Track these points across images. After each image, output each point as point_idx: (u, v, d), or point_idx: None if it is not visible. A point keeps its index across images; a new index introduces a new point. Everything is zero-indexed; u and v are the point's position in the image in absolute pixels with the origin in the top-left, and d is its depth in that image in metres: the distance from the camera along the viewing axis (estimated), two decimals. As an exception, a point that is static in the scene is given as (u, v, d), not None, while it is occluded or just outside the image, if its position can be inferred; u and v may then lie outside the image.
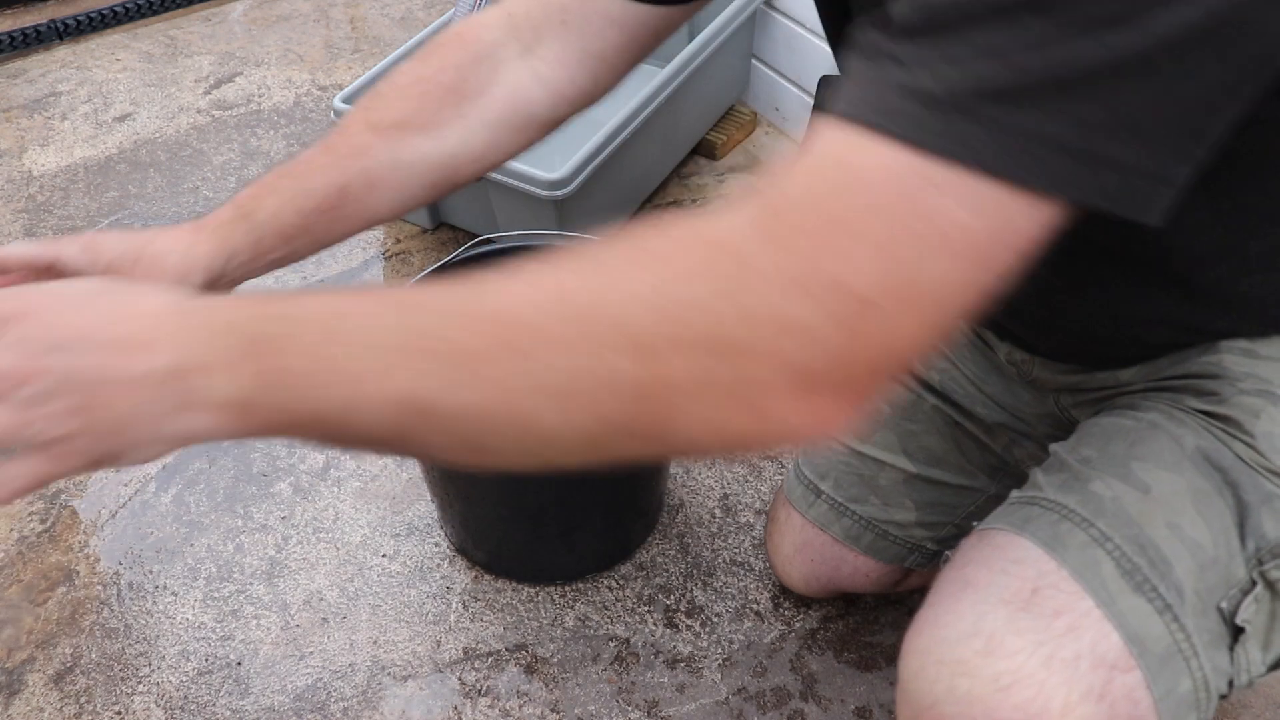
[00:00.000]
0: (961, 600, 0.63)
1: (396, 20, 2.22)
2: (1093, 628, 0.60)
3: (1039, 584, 0.61)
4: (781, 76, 1.83)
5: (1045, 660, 0.59)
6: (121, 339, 0.45)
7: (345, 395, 0.43)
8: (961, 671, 0.60)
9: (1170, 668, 0.61)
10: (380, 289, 0.50)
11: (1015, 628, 0.60)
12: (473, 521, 1.18)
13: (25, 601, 1.20)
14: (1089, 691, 0.58)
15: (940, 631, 0.62)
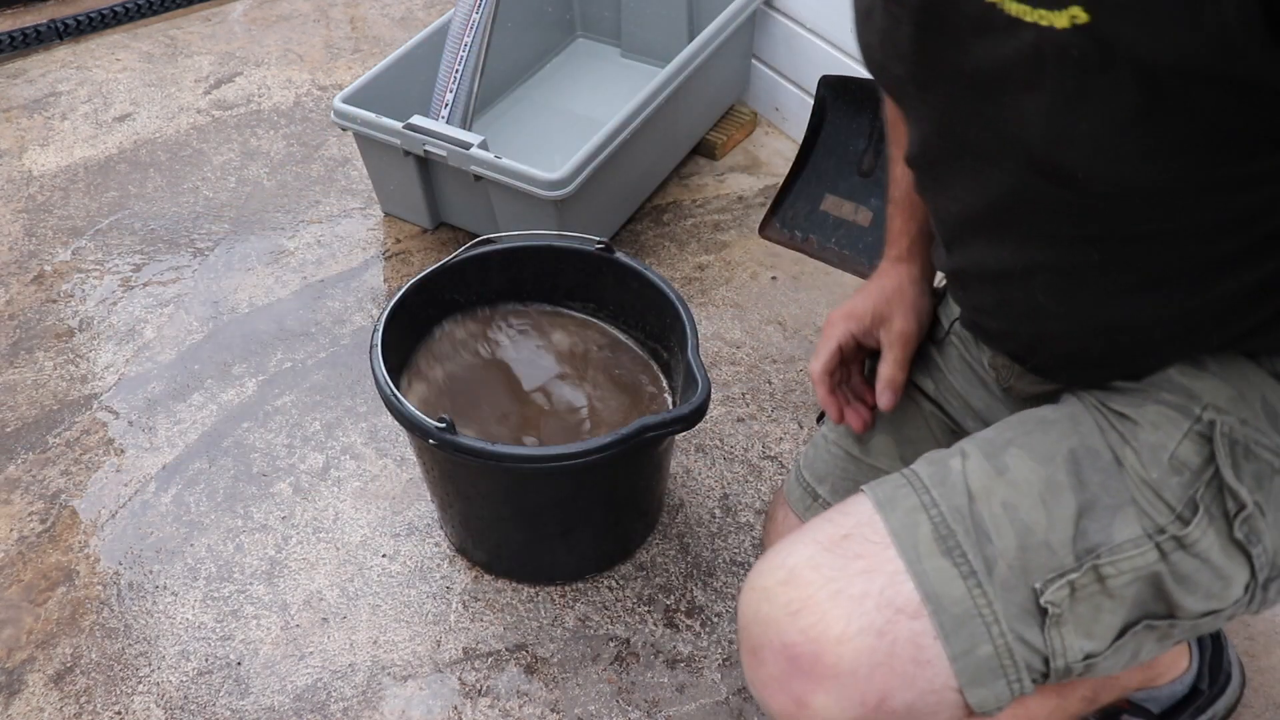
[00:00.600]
0: (787, 540, 0.71)
1: (396, 20, 2.22)
2: (889, 575, 0.66)
3: (852, 532, 0.68)
4: (781, 76, 1.83)
5: (833, 594, 0.65)
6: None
7: None
8: (764, 598, 0.68)
9: (967, 629, 0.65)
10: None
11: (814, 563, 0.67)
12: (473, 521, 1.18)
13: (25, 601, 1.20)
14: (868, 626, 0.64)
15: (761, 564, 0.71)
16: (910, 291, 0.97)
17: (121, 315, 1.55)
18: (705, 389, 1.02)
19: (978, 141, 0.66)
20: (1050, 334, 0.77)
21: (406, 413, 1.00)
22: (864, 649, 0.64)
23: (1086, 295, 0.71)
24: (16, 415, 1.41)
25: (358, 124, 1.53)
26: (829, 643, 0.64)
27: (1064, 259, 0.69)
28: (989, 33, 0.58)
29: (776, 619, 0.67)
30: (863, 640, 0.64)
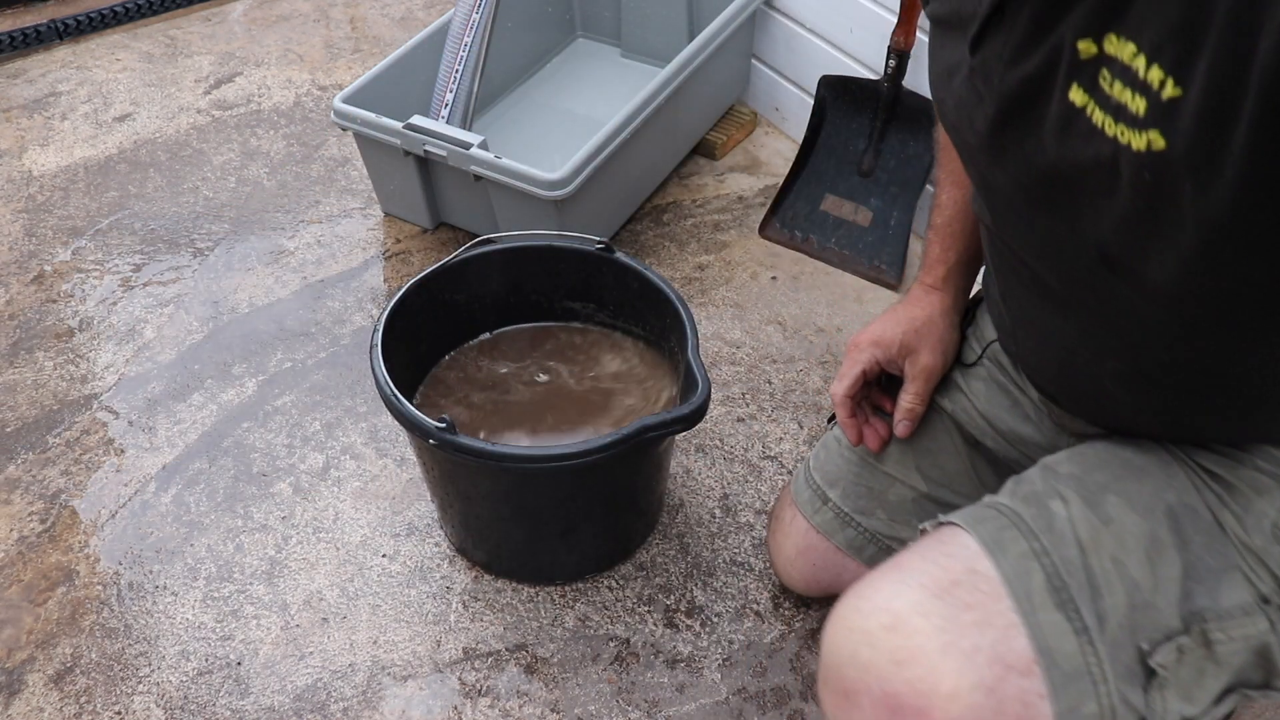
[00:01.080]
0: (886, 578, 0.67)
1: (396, 20, 2.22)
2: (1002, 628, 0.63)
3: (962, 578, 0.65)
4: (781, 76, 1.83)
5: (943, 646, 0.62)
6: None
7: None
8: (865, 641, 0.65)
9: (1076, 686, 0.63)
10: None
11: (923, 610, 0.63)
12: (473, 521, 1.18)
13: (25, 601, 1.20)
14: (979, 683, 0.61)
15: (858, 603, 0.67)
16: (940, 324, 0.96)
17: (121, 315, 1.55)
18: (705, 389, 1.02)
19: (1048, 226, 0.67)
20: (1120, 414, 0.76)
21: (406, 413, 0.99)
22: (973, 706, 0.61)
23: (1157, 394, 0.70)
24: (16, 415, 1.41)
25: (358, 124, 1.53)
26: (938, 698, 0.62)
27: (1133, 352, 0.68)
28: (1071, 134, 0.58)
29: (879, 666, 0.64)
30: (973, 697, 0.61)
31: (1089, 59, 0.56)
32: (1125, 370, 0.70)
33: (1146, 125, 0.53)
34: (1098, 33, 0.55)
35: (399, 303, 1.12)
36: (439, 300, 1.20)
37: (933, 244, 0.98)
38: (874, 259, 1.59)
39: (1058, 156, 0.61)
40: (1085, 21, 0.55)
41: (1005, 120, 0.64)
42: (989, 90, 0.65)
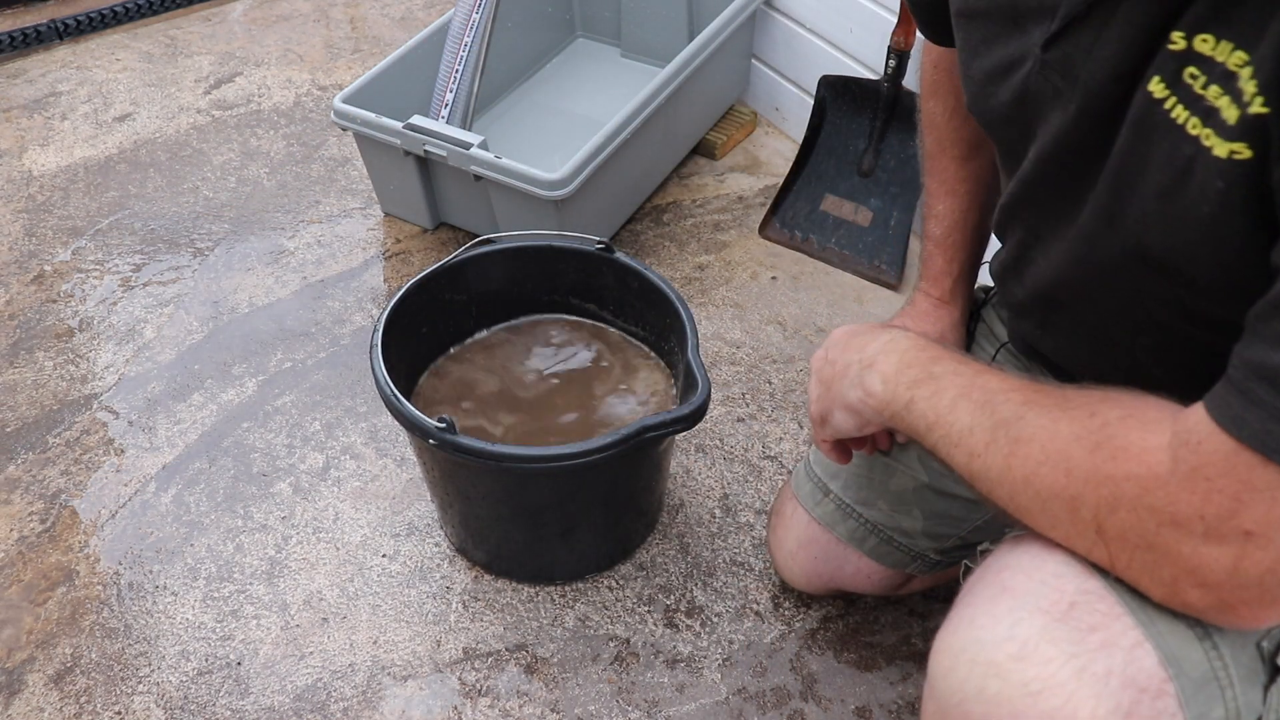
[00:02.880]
0: (999, 604, 0.64)
1: (396, 20, 2.22)
2: (1128, 646, 0.61)
3: (1077, 598, 0.62)
4: (781, 76, 1.83)
5: (1077, 671, 0.59)
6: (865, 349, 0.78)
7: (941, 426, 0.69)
8: (993, 673, 0.61)
9: (1205, 693, 0.62)
10: (1005, 376, 0.68)
11: (1050, 637, 0.61)
12: (473, 521, 1.18)
13: (25, 601, 1.20)
14: (1116, 708, 0.59)
15: (975, 633, 0.63)
16: (951, 337, 0.96)
17: (121, 315, 1.55)
18: (705, 389, 1.02)
19: (1089, 220, 0.67)
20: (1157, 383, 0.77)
21: (406, 412, 0.99)
22: None
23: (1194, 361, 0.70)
24: (16, 415, 1.41)
25: (358, 124, 1.53)
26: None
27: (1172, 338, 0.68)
28: (1145, 127, 0.59)
29: (1010, 698, 0.60)
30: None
31: (1176, 53, 0.55)
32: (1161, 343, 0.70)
33: (1234, 136, 0.53)
34: (1190, 28, 0.55)
35: (399, 303, 1.12)
36: (439, 300, 1.20)
37: (935, 256, 0.97)
38: (874, 259, 1.59)
39: (1124, 150, 0.61)
40: (1187, 18, 0.55)
41: (1086, 119, 0.64)
42: (1072, 89, 0.64)
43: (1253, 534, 0.54)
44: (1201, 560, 0.56)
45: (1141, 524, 0.58)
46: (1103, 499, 0.59)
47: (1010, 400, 0.65)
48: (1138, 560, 0.59)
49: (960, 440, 0.67)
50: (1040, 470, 0.62)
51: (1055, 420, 0.62)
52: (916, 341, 0.75)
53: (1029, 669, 0.60)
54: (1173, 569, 0.58)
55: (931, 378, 0.71)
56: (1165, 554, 0.57)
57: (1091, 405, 0.61)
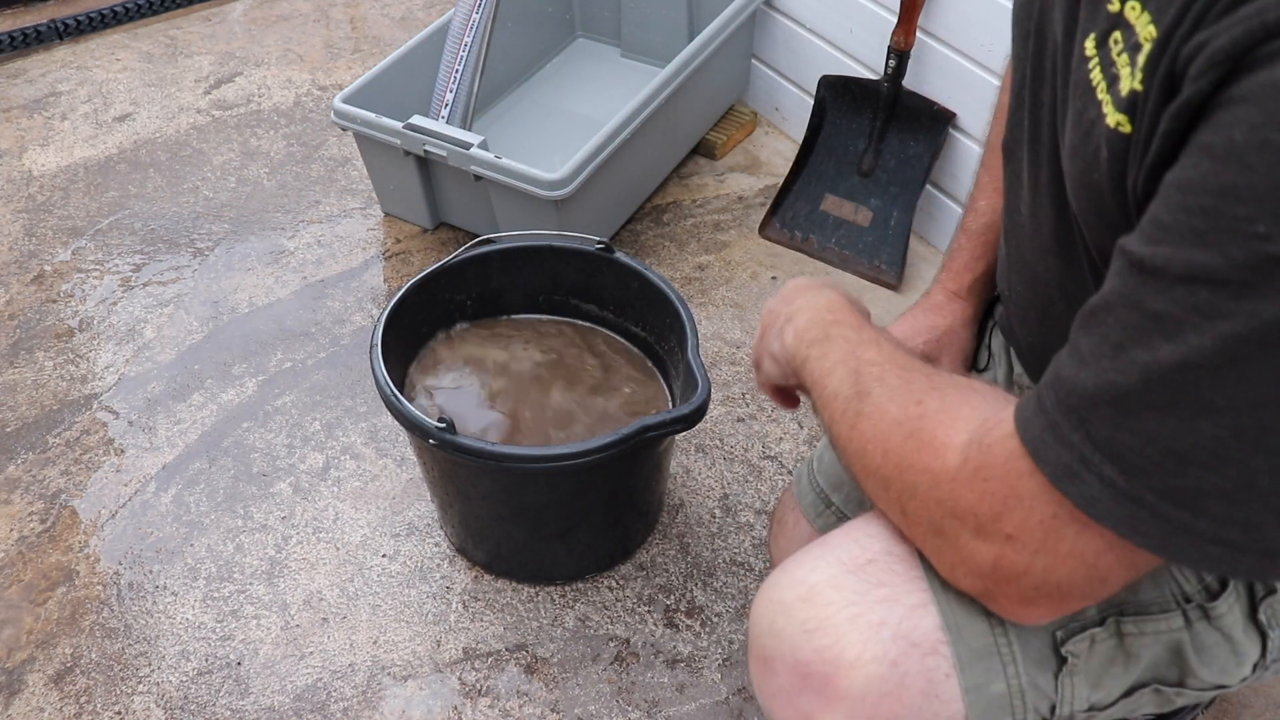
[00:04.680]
0: (809, 554, 0.70)
1: (396, 20, 2.22)
2: (911, 604, 0.65)
3: (877, 557, 0.68)
4: (781, 76, 1.83)
5: (851, 617, 0.65)
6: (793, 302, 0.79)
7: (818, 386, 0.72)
8: (781, 611, 0.68)
9: (984, 664, 0.65)
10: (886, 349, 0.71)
11: (836, 584, 0.67)
12: (473, 521, 1.18)
13: (25, 601, 1.20)
14: (882, 655, 0.64)
15: (779, 576, 0.70)
16: (962, 335, 0.95)
17: (121, 315, 1.55)
18: (705, 389, 1.02)
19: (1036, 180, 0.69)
20: None
21: (406, 412, 0.99)
22: (875, 677, 0.64)
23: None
24: (16, 415, 1.41)
25: (358, 124, 1.53)
26: (842, 666, 0.64)
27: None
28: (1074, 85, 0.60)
29: (791, 634, 0.66)
30: (875, 668, 0.64)
31: (1111, 14, 0.55)
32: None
33: (1121, 108, 0.53)
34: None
35: (399, 303, 1.12)
36: (439, 300, 1.20)
37: (962, 249, 0.96)
38: (874, 259, 1.59)
39: (1061, 104, 0.62)
40: None
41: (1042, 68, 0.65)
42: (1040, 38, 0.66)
43: (1012, 537, 0.56)
44: (971, 552, 0.59)
45: (930, 512, 0.61)
46: (904, 484, 0.63)
47: (871, 374, 0.68)
48: (928, 543, 0.63)
49: (827, 403, 0.70)
50: (867, 447, 0.65)
51: (890, 402, 0.65)
52: (833, 301, 0.77)
53: (809, 609, 0.66)
54: (951, 555, 0.61)
55: (826, 339, 0.73)
56: (947, 541, 0.61)
57: (925, 392, 0.64)
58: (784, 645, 0.67)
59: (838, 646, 0.64)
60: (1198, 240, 0.45)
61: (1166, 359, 0.47)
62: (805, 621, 0.66)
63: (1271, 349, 0.44)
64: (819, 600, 0.66)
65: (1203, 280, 0.45)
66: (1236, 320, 0.44)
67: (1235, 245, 0.44)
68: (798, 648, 0.66)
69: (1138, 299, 0.48)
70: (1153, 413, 0.48)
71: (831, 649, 0.65)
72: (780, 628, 0.67)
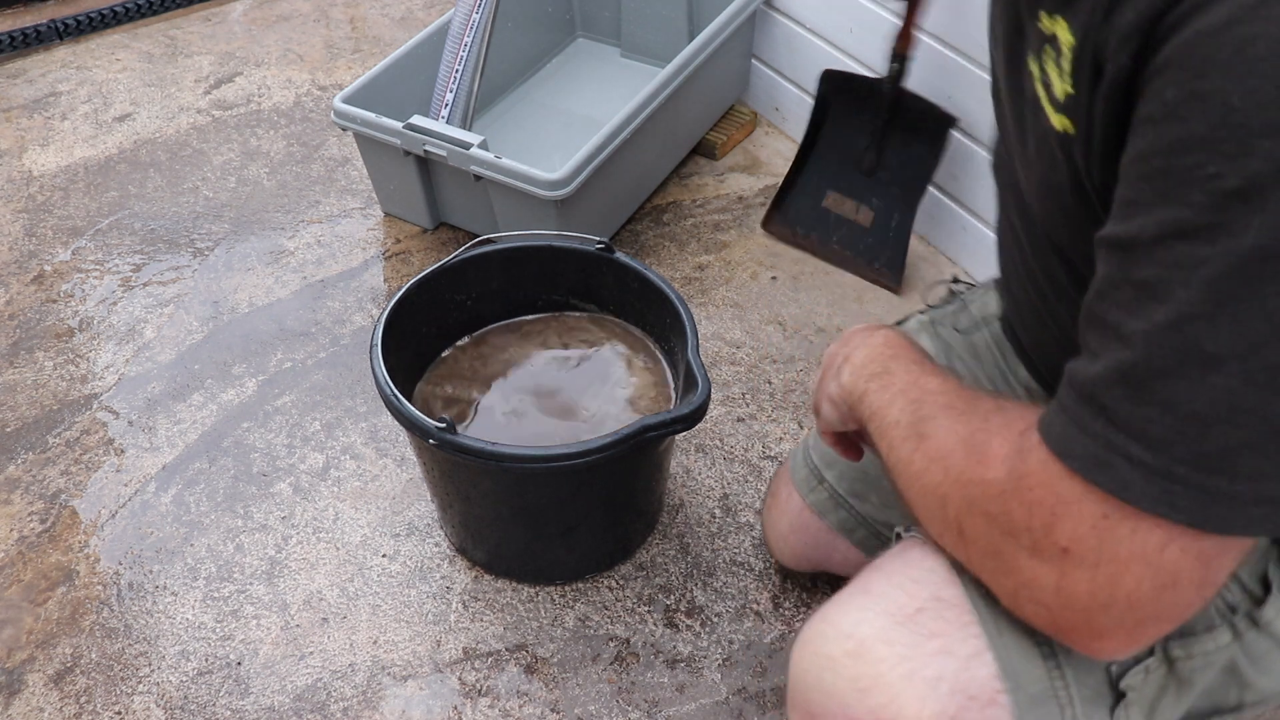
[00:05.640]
0: (852, 603, 0.67)
1: (396, 20, 2.22)
2: (966, 655, 0.63)
3: (926, 605, 0.65)
4: (781, 76, 1.83)
5: (907, 674, 0.62)
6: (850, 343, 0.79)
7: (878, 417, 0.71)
8: (829, 667, 0.65)
9: (1042, 710, 0.63)
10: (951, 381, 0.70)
11: (886, 638, 0.64)
12: (473, 521, 1.18)
13: (25, 601, 1.20)
14: (942, 712, 0.61)
15: (823, 627, 0.67)
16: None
17: (121, 315, 1.55)
18: (705, 389, 1.02)
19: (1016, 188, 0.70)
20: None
21: (406, 413, 0.99)
22: None
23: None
24: (16, 415, 1.41)
25: (358, 124, 1.53)
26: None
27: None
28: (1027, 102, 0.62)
29: (842, 693, 0.64)
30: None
31: (1042, 32, 0.58)
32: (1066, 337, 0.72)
33: (1060, 109, 0.56)
34: (1049, 8, 0.57)
35: (399, 303, 1.12)
36: (439, 300, 1.20)
37: None
38: (874, 260, 1.59)
39: (1014, 118, 0.64)
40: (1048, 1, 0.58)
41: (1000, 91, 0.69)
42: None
43: (1069, 551, 0.53)
44: (1032, 576, 0.56)
45: (987, 531, 0.58)
46: (962, 500, 0.60)
47: (936, 401, 0.66)
48: (987, 566, 0.60)
49: (886, 431, 0.68)
50: (930, 467, 0.63)
51: (956, 422, 0.63)
52: (890, 339, 0.76)
53: (861, 666, 0.63)
54: (1012, 580, 0.58)
55: (886, 372, 0.72)
56: (1005, 563, 0.58)
57: (991, 412, 0.62)
58: (833, 703, 0.64)
59: (894, 705, 0.62)
60: (1161, 199, 0.46)
61: (1162, 320, 0.47)
62: (857, 679, 0.63)
63: (1255, 283, 0.45)
64: (870, 656, 0.64)
65: (1175, 234, 0.46)
66: (1214, 263, 0.45)
67: (1194, 192, 0.45)
68: (849, 706, 0.63)
69: (1125, 275, 0.49)
70: (1162, 379, 0.48)
71: (888, 709, 0.62)
72: (830, 685, 0.65)
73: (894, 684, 0.62)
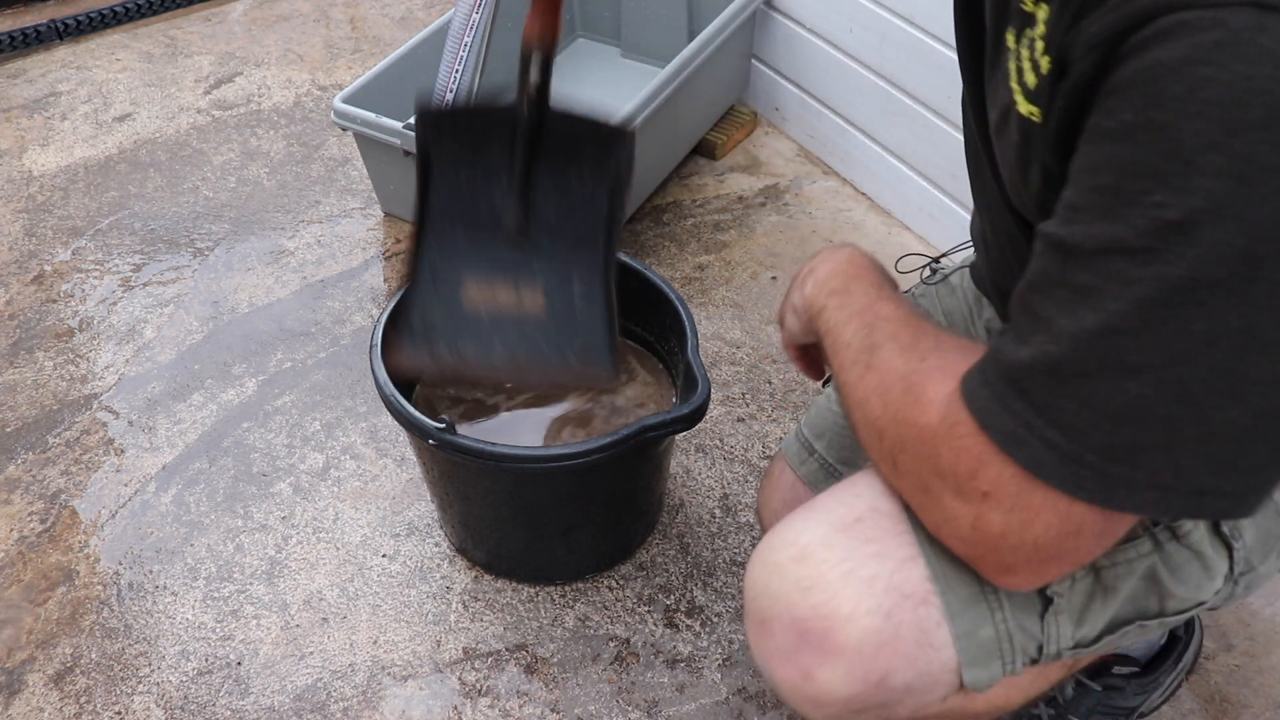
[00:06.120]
0: (798, 516, 0.72)
1: (396, 20, 2.22)
2: (900, 558, 0.68)
3: (865, 515, 0.70)
4: (781, 76, 1.83)
5: (844, 574, 0.67)
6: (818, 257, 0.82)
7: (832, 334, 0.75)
8: (776, 573, 0.70)
9: (974, 611, 0.68)
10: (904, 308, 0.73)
11: (828, 543, 0.69)
12: (473, 521, 1.18)
13: (25, 601, 1.20)
14: (877, 608, 0.66)
15: (772, 539, 0.72)
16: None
17: (121, 315, 1.55)
18: (705, 389, 1.02)
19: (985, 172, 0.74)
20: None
21: (406, 413, 0.99)
22: (871, 629, 0.66)
23: None
24: (16, 415, 1.41)
25: (358, 124, 1.53)
26: (838, 620, 0.66)
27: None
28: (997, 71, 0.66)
29: (787, 593, 0.69)
30: (870, 621, 0.66)
31: (1024, 11, 0.60)
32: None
33: (1030, 98, 0.58)
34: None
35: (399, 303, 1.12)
36: None
37: None
38: (566, 355, 1.02)
39: (990, 86, 0.67)
40: None
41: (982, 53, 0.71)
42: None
43: (989, 495, 0.58)
44: (953, 512, 0.61)
45: (918, 469, 0.63)
46: (896, 438, 0.65)
47: (885, 329, 0.70)
48: (915, 499, 0.65)
49: (838, 351, 0.73)
50: (870, 398, 0.68)
51: (898, 356, 0.67)
52: (854, 257, 0.79)
53: (803, 569, 0.69)
54: (936, 515, 0.63)
55: (846, 290, 0.76)
56: (931, 499, 0.63)
57: (930, 350, 0.66)
58: (780, 605, 0.69)
59: (833, 602, 0.67)
60: (1106, 215, 0.50)
61: (1091, 326, 0.51)
62: (800, 580, 0.68)
63: (1179, 308, 0.48)
64: (812, 559, 0.68)
65: (1115, 251, 0.50)
66: (1145, 284, 0.49)
67: (1138, 215, 0.49)
68: (793, 605, 0.68)
69: (1062, 275, 0.53)
70: (1084, 378, 0.52)
71: (827, 604, 0.67)
72: (776, 588, 0.69)
73: (833, 582, 0.67)
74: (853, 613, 0.66)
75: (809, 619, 0.67)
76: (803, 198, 1.75)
